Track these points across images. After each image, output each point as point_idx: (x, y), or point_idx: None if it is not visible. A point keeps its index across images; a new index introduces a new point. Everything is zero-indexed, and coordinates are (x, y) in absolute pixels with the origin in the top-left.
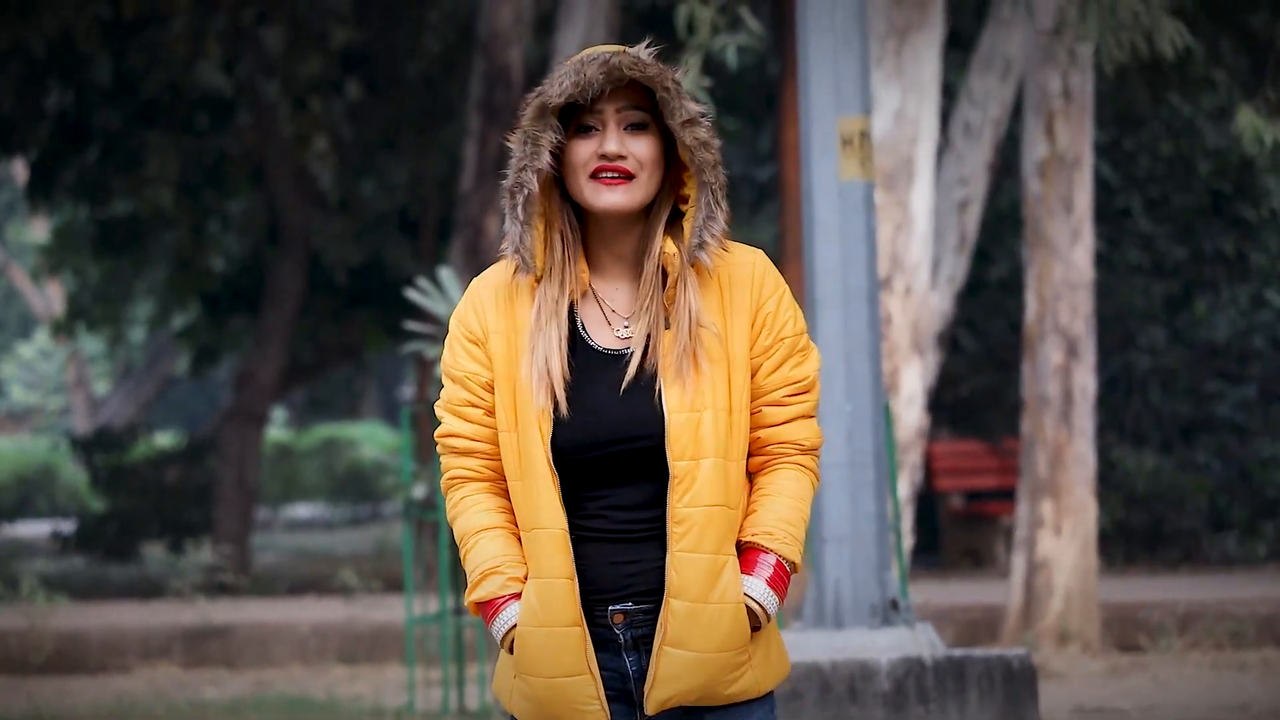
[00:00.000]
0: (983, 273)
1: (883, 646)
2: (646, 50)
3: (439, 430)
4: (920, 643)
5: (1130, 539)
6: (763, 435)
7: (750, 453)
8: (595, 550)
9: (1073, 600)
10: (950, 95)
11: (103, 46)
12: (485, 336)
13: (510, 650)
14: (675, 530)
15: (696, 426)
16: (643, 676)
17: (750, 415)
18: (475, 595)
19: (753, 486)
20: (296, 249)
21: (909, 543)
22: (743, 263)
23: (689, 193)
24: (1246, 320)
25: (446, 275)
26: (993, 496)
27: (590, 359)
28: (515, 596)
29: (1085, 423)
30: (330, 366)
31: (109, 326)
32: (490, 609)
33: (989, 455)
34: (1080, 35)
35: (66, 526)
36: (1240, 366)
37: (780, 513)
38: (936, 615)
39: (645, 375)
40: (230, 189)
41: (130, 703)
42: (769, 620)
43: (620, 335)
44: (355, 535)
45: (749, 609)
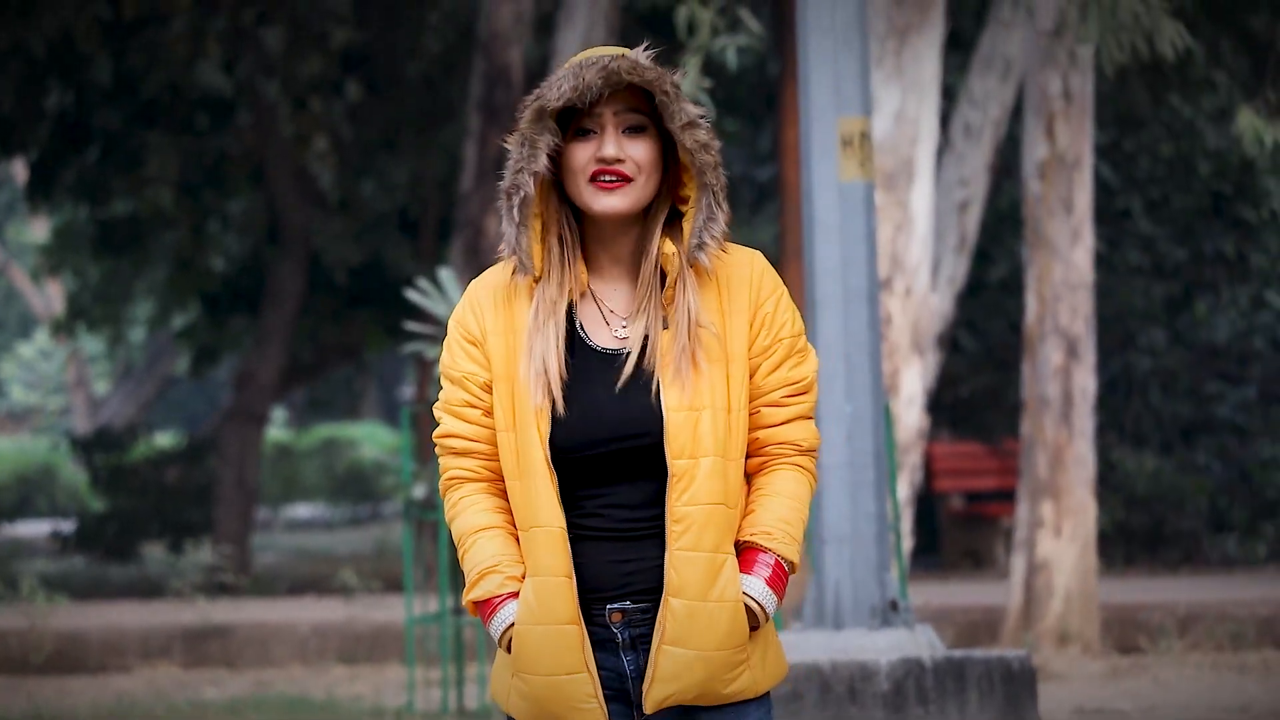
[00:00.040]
0: (983, 273)
1: (882, 647)
2: (645, 53)
3: (437, 431)
4: (920, 644)
5: (1130, 540)
6: (761, 436)
7: (748, 454)
8: (593, 549)
9: (1073, 601)
10: (950, 96)
11: (103, 46)
12: (483, 337)
13: (508, 649)
14: (674, 529)
15: (695, 425)
16: (640, 676)
17: (749, 416)
18: (473, 594)
19: (751, 487)
20: (296, 249)
21: (909, 544)
22: (741, 263)
23: (688, 193)
24: (1247, 321)
25: (446, 275)
26: (993, 497)
27: (588, 358)
28: (513, 595)
29: (1085, 424)
30: (330, 366)
31: (109, 326)
32: (488, 608)
33: (989, 456)
34: (1080, 36)
35: (66, 526)
36: (1240, 368)
37: (779, 513)
38: (936, 616)
39: (644, 375)
40: (230, 189)
41: (130, 703)
42: (767, 619)
43: (618, 335)
44: (355, 535)
45: (748, 608)
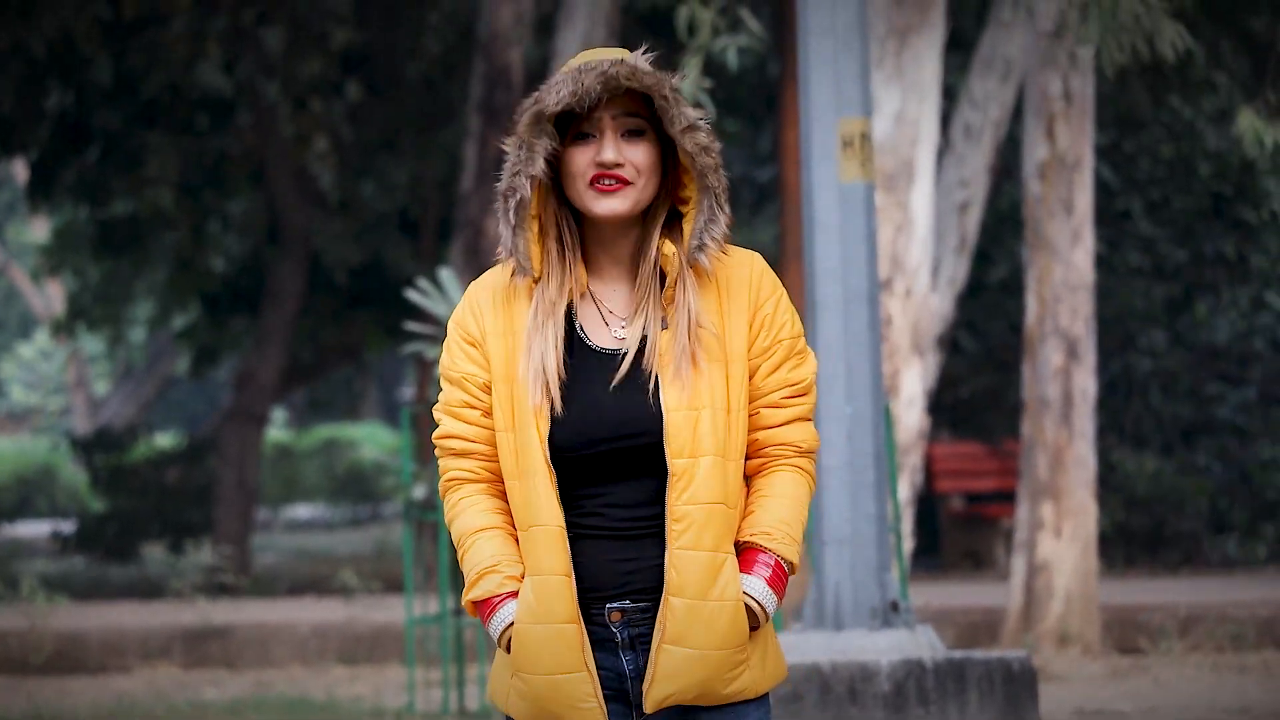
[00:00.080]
0: (983, 274)
1: (883, 648)
2: (644, 57)
3: (437, 432)
4: (920, 644)
5: (1130, 541)
6: (760, 437)
7: (748, 455)
8: (592, 548)
9: (1073, 602)
10: (951, 97)
11: (103, 47)
12: (483, 338)
13: (507, 649)
14: (674, 528)
15: (695, 424)
16: (640, 675)
17: (748, 417)
18: (472, 594)
19: (750, 489)
20: (296, 249)
21: (909, 545)
22: (741, 265)
23: (688, 195)
24: (1247, 322)
25: (447, 276)
26: (993, 498)
27: (587, 358)
28: (512, 595)
29: (1085, 425)
30: (330, 367)
31: (109, 327)
32: (487, 608)
33: (989, 457)
34: (1081, 37)
35: (67, 527)
36: (1241, 369)
37: (779, 514)
38: (936, 617)
39: (643, 374)
40: (230, 189)
41: (130, 703)
42: (767, 619)
43: (617, 336)
44: (355, 536)
45: (748, 608)
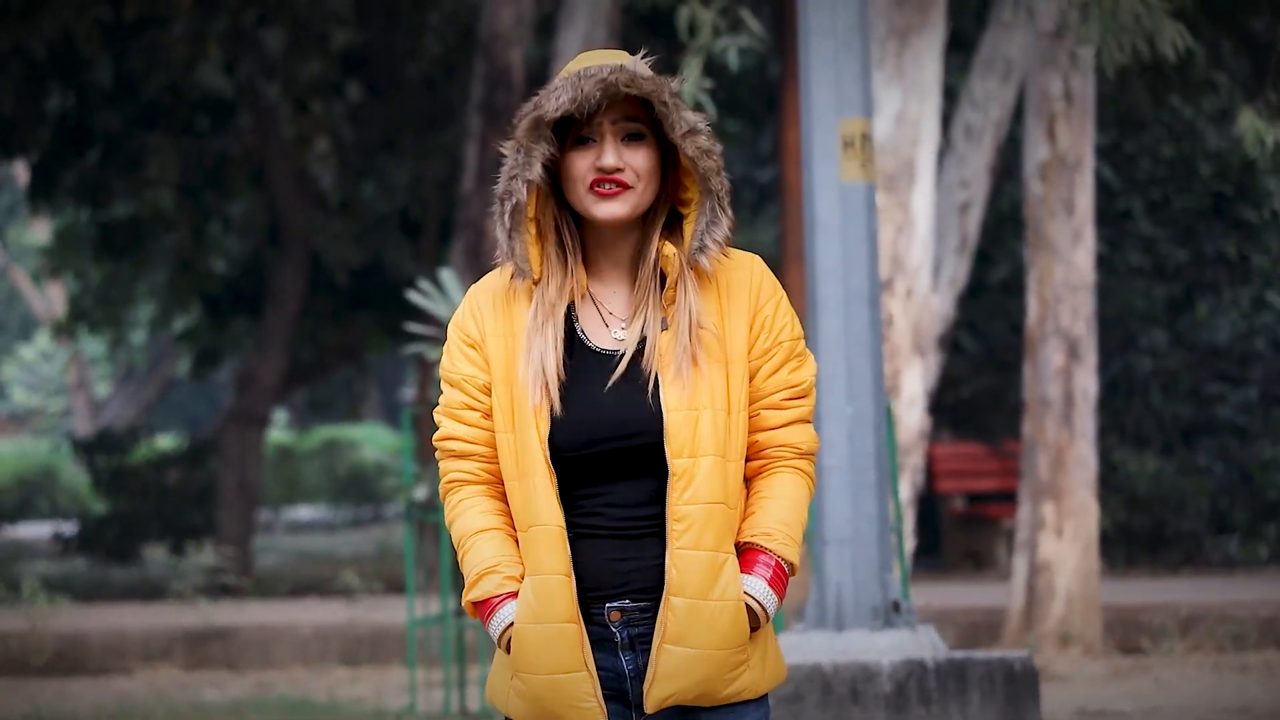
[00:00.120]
0: (984, 275)
1: (884, 648)
2: (643, 61)
3: (437, 434)
4: (922, 645)
5: (1132, 541)
6: (760, 439)
7: (748, 457)
8: (592, 547)
9: (1074, 603)
10: (951, 97)
11: (103, 48)
12: (482, 339)
13: (507, 649)
14: (675, 527)
15: (695, 425)
16: (639, 675)
17: (748, 419)
18: (472, 595)
19: (750, 490)
20: (297, 251)
21: (910, 545)
22: (741, 267)
23: (689, 196)
24: (1248, 322)
25: (447, 277)
26: (994, 499)
27: (587, 359)
28: (512, 595)
29: (1086, 425)
30: (331, 368)
31: (110, 328)
32: (486, 608)
33: (990, 457)
34: (1081, 38)
35: (68, 528)
36: (1241, 369)
37: (779, 515)
38: (938, 617)
39: (642, 375)
40: (231, 191)
41: (131, 705)
42: (768, 620)
43: (616, 337)
44: (357, 537)
45: (749, 608)
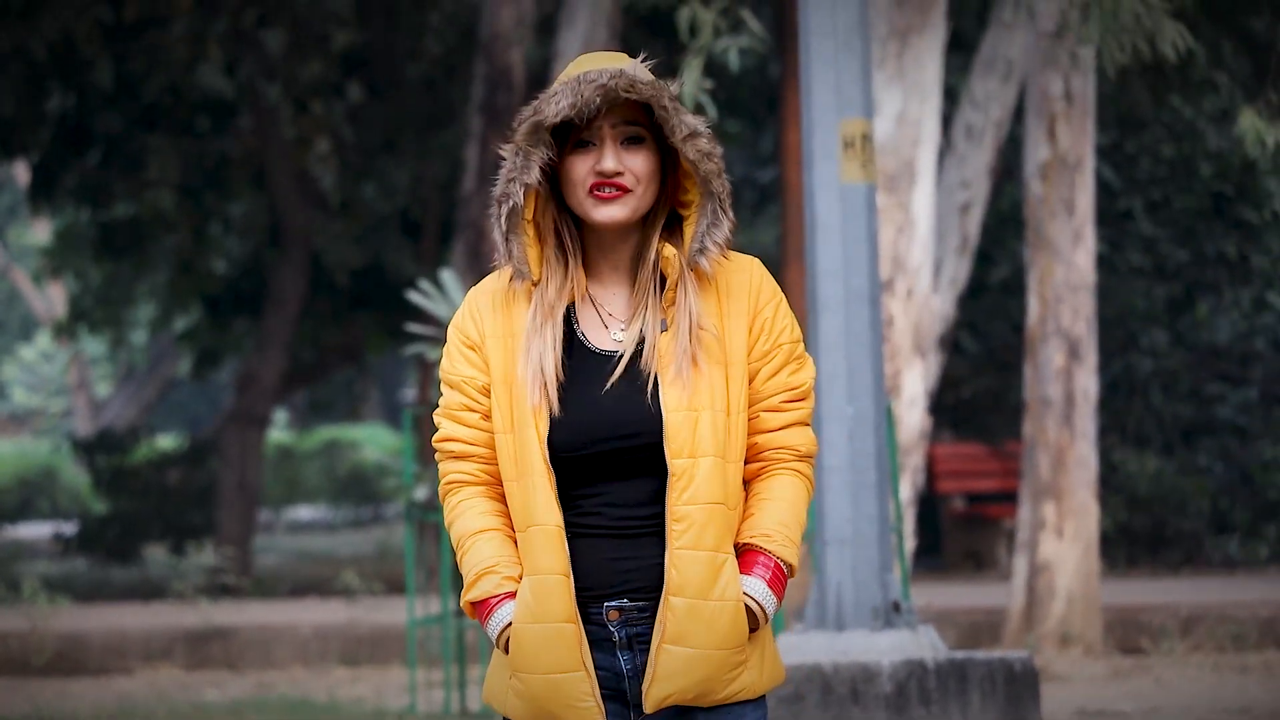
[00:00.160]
0: (984, 275)
1: (885, 648)
2: (643, 65)
3: (436, 436)
4: (922, 645)
5: (1132, 541)
6: (760, 441)
7: (746, 459)
8: (590, 546)
9: (1075, 603)
10: (952, 98)
11: (104, 49)
12: (482, 341)
13: (505, 649)
14: (675, 528)
15: (694, 425)
16: (638, 675)
17: (747, 421)
18: (470, 595)
19: (749, 492)
20: (298, 251)
21: (911, 545)
22: (740, 270)
23: (689, 198)
24: (1248, 323)
25: (448, 277)
26: (994, 499)
27: (586, 359)
28: (510, 595)
29: (1087, 425)
30: (331, 368)
31: (110, 329)
32: (485, 608)
33: (991, 457)
34: (1082, 38)
35: (68, 528)
36: (1242, 369)
37: (778, 516)
38: (938, 617)
39: (641, 375)
40: (231, 191)
41: (132, 705)
42: (766, 621)
43: (615, 338)
44: (357, 537)
45: (748, 608)
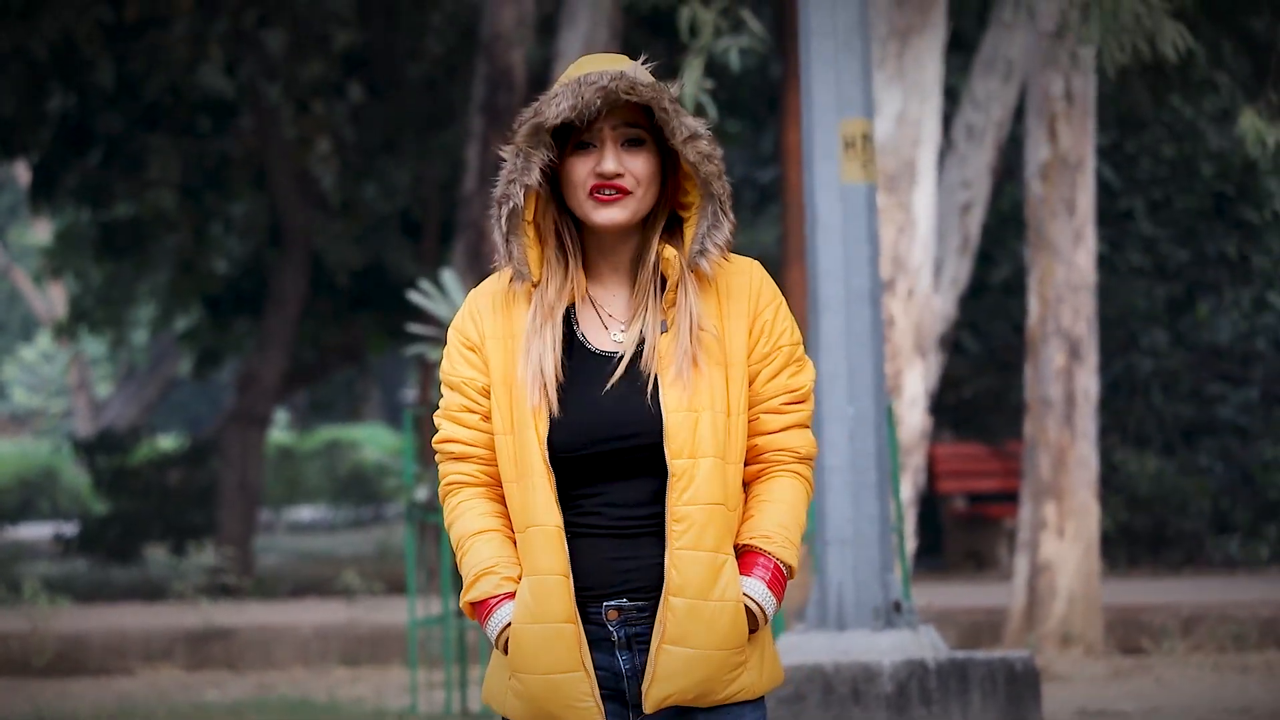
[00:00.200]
0: (985, 275)
1: (885, 648)
2: (643, 67)
3: (437, 437)
4: (923, 645)
5: (1133, 541)
6: (759, 443)
7: (746, 461)
8: (589, 546)
9: (1075, 603)
10: (952, 98)
11: (105, 49)
12: (482, 342)
13: (505, 650)
14: (675, 528)
15: (694, 426)
16: (637, 675)
17: (747, 422)
18: (469, 596)
19: (749, 494)
20: (298, 251)
21: (911, 545)
22: (741, 271)
23: (689, 200)
24: (1249, 323)
25: (448, 277)
26: (995, 499)
27: (586, 360)
28: (509, 596)
29: (1088, 425)
30: (332, 369)
31: (111, 329)
32: (484, 609)
33: (991, 457)
34: (1082, 38)
35: (69, 529)
36: (1243, 369)
37: (778, 518)
38: (939, 617)
39: (641, 376)
40: (232, 192)
41: (132, 705)
42: (766, 622)
43: (615, 339)
44: (357, 537)
45: (748, 609)
